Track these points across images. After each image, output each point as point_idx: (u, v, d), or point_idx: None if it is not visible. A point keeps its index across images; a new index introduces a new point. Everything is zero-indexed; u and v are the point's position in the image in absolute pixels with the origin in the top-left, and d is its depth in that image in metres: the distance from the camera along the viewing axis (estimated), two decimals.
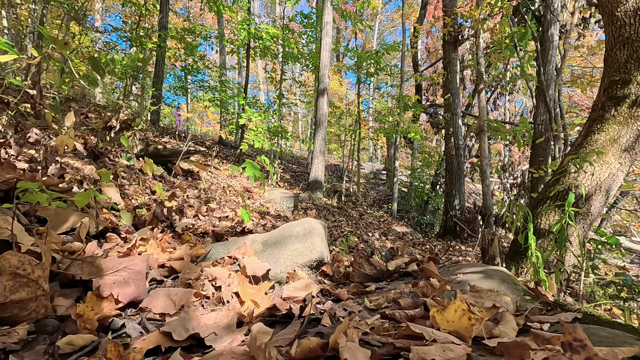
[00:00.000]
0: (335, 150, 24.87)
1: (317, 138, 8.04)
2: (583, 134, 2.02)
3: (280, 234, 1.68)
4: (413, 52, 12.20)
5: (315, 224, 1.69)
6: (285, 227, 1.72)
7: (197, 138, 14.56)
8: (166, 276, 1.31)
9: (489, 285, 1.19)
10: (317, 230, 1.64)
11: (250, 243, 1.68)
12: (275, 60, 10.96)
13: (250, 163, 2.90)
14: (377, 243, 5.27)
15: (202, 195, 3.76)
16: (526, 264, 1.91)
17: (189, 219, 2.56)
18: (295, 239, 1.62)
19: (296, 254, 1.57)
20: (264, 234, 1.77)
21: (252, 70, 30.17)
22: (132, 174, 3.84)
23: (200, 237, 2.22)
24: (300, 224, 1.70)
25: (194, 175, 6.49)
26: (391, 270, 1.51)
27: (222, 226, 2.69)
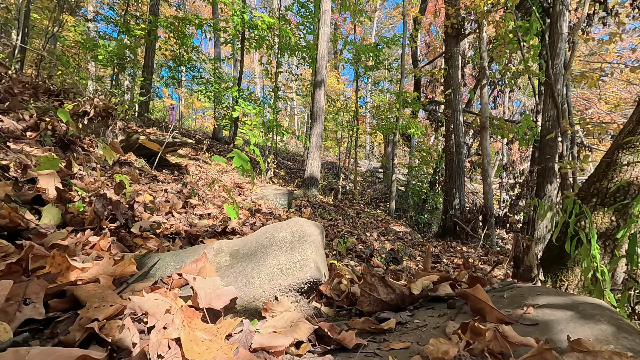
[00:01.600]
0: (331, 148, 24.54)
1: (313, 133, 7.68)
2: (636, 120, 1.69)
3: (258, 240, 1.25)
4: (413, 47, 11.86)
5: (308, 226, 1.25)
6: (265, 230, 1.28)
7: (189, 132, 14.13)
8: (64, 310, 0.84)
9: (597, 334, 0.77)
10: (310, 235, 1.20)
11: (213, 254, 1.23)
12: (271, 52, 10.56)
13: (237, 153, 2.54)
14: (376, 244, 4.93)
15: (184, 190, 3.39)
16: (568, 277, 1.58)
17: (159, 217, 2.19)
18: (279, 248, 1.17)
19: (279, 271, 1.13)
20: (234, 240, 1.32)
21: (247, 65, 29.70)
22: (105, 164, 3.46)
23: (169, 238, 1.86)
24: (286, 227, 1.24)
25: (182, 169, 6.11)
26: (416, 294, 1.11)
27: (200, 225, 2.33)
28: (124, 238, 1.43)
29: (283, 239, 1.21)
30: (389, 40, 9.98)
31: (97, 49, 5.81)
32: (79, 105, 3.81)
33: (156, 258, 1.18)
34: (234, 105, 9.60)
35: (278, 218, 4.47)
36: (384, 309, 1.02)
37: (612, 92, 17.72)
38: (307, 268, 1.11)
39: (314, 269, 1.13)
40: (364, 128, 17.27)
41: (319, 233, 1.27)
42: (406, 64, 11.16)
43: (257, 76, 24.11)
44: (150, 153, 5.11)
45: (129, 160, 4.23)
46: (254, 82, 25.69)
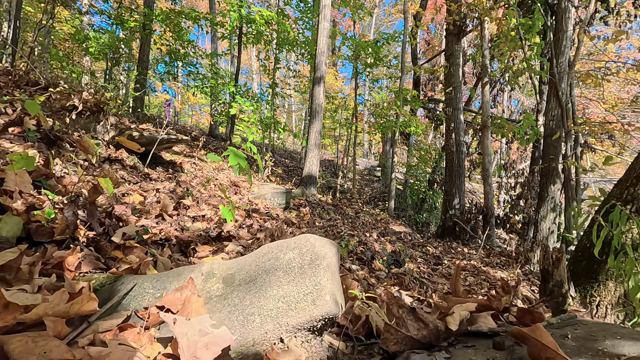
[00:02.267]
0: (329, 146, 24.38)
1: (312, 130, 7.51)
2: None
3: (258, 263, 1.03)
4: (413, 45, 11.69)
5: (321, 245, 1.04)
6: (268, 250, 1.07)
7: (185, 128, 13.92)
8: None
9: None
10: (324, 257, 0.99)
11: (202, 279, 1.01)
12: (269, 48, 10.36)
13: (233, 151, 2.37)
14: (376, 245, 4.78)
15: (178, 189, 3.22)
16: (600, 292, 1.44)
17: (148, 220, 2.03)
18: (285, 275, 0.96)
19: (285, 306, 0.91)
20: (228, 261, 1.09)
21: (245, 61, 29.42)
22: (96, 162, 3.27)
23: (158, 245, 1.69)
24: (294, 246, 1.03)
25: (177, 166, 5.92)
26: (453, 330, 0.89)
27: (193, 229, 2.17)
28: (102, 249, 1.26)
29: (290, 262, 0.99)
30: (389, 37, 9.82)
31: (88, 41, 5.60)
32: (66, 99, 3.62)
33: (131, 283, 0.96)
34: (231, 101, 9.41)
35: (276, 218, 4.32)
36: (414, 347, 0.83)
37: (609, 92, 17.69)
38: (322, 301, 0.88)
39: (330, 302, 0.90)
40: (362, 126, 17.12)
41: (334, 254, 1.06)
42: (406, 61, 11.00)
43: (254, 72, 23.87)
44: (143, 150, 4.93)
45: (120, 157, 4.05)
46: (251, 78, 25.46)
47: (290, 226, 3.97)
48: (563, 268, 1.38)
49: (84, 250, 1.14)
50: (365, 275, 3.10)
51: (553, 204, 5.90)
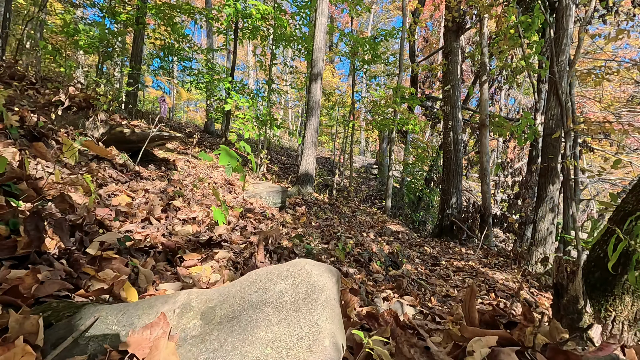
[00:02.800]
0: (326, 143, 24.25)
1: (308, 128, 7.39)
2: None
3: (244, 296, 0.87)
4: (411, 41, 11.58)
5: (319, 274, 0.89)
6: (256, 278, 0.92)
7: (180, 124, 13.73)
8: None
9: None
10: (322, 290, 0.85)
11: (177, 313, 0.85)
12: (265, 43, 10.20)
13: (225, 150, 2.25)
14: (373, 246, 4.69)
15: (169, 188, 3.10)
16: (616, 306, 1.35)
17: (133, 225, 1.91)
18: (276, 312, 0.81)
19: (276, 353, 0.75)
20: (209, 291, 0.91)
21: (241, 57, 29.14)
22: (83, 160, 3.14)
23: (142, 253, 1.58)
24: (286, 275, 0.88)
25: (169, 164, 5.79)
26: None
27: (182, 233, 2.05)
28: (76, 263, 1.14)
29: (281, 296, 0.83)
30: (387, 34, 9.69)
31: (77, 34, 5.43)
32: (54, 94, 3.47)
33: (93, 316, 0.81)
34: (226, 97, 9.26)
35: (271, 219, 4.21)
36: None
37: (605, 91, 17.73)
38: (319, 347, 0.72)
39: (329, 348, 0.75)
40: (359, 124, 17.02)
41: (334, 283, 0.90)
42: (404, 58, 10.89)
43: (251, 68, 23.64)
44: (134, 147, 4.79)
45: (110, 155, 3.91)
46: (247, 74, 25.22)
47: (285, 227, 3.87)
48: (579, 282, 1.28)
49: (53, 267, 1.02)
50: (363, 279, 3.01)
51: (552, 204, 5.84)
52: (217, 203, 3.05)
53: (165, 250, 1.68)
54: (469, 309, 0.97)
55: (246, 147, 2.60)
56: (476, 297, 0.93)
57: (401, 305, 1.67)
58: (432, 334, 1.22)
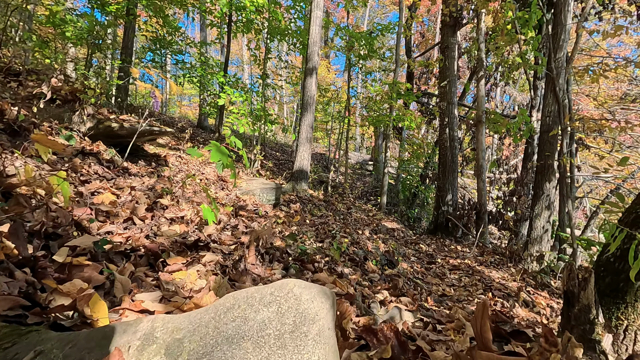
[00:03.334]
0: (321, 139, 24.14)
1: (303, 123, 7.27)
2: None
3: (218, 325, 0.74)
4: (408, 36, 11.47)
5: (309, 299, 0.76)
6: (234, 303, 0.78)
7: (173, 119, 13.51)
8: None
9: None
10: (314, 320, 0.71)
11: (138, 346, 0.71)
12: (260, 37, 10.02)
13: (216, 146, 2.15)
14: (369, 244, 4.62)
15: (158, 185, 2.98)
16: (628, 314, 1.27)
17: (114, 226, 1.80)
18: (256, 348, 0.68)
19: None
20: (178, 317, 0.77)
21: (235, 51, 28.81)
22: (67, 155, 3.00)
23: (122, 257, 1.47)
24: (270, 300, 0.74)
25: (160, 160, 5.65)
26: None
27: (168, 234, 1.94)
28: (41, 271, 1.04)
29: (264, 327, 0.69)
30: (383, 28, 9.57)
31: (64, 25, 5.24)
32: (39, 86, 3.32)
33: (33, 350, 0.66)
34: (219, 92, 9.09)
35: (264, 216, 4.10)
36: None
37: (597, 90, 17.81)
38: None
39: None
40: (355, 119, 16.91)
41: (328, 309, 0.75)
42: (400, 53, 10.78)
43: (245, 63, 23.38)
44: (124, 142, 4.65)
45: (96, 150, 3.77)
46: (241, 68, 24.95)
47: (279, 225, 3.77)
48: (591, 290, 1.20)
49: (13, 278, 0.91)
50: (358, 279, 2.93)
51: (548, 202, 5.81)
52: (208, 200, 2.94)
53: (148, 253, 1.57)
54: (481, 329, 0.88)
55: (237, 143, 2.49)
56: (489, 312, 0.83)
57: (399, 311, 1.59)
58: (434, 346, 1.14)
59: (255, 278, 1.70)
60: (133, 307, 1.05)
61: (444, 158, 8.91)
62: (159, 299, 1.17)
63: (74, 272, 1.12)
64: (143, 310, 1.05)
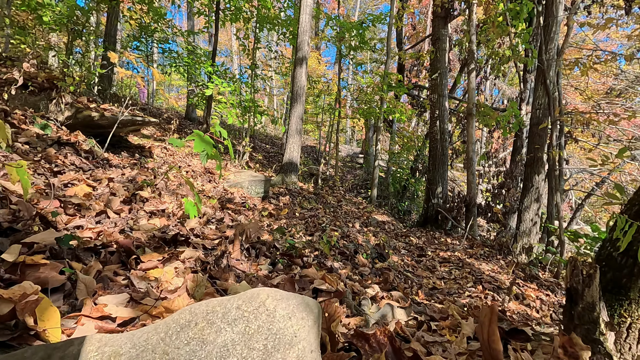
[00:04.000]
0: (311, 132, 23.97)
1: (293, 115, 7.14)
2: None
3: (167, 349, 0.59)
4: (399, 27, 11.35)
5: (288, 316, 0.61)
6: (190, 319, 0.63)
7: (160, 111, 13.19)
8: None
9: None
10: (291, 345, 0.56)
11: None
12: (248, 26, 9.78)
13: (199, 135, 2.03)
14: (359, 237, 4.55)
15: (140, 177, 2.84)
16: (632, 312, 1.21)
17: (84, 219, 1.67)
18: None
19: None
20: (118, 337, 0.63)
21: (225, 42, 28.24)
22: (41, 145, 2.83)
23: (92, 253, 1.35)
24: (236, 316, 0.59)
25: (145, 151, 5.47)
26: None
27: (146, 228, 1.82)
28: None
29: (225, 354, 0.53)
30: (374, 19, 9.42)
31: (41, 9, 4.97)
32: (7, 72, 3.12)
33: None
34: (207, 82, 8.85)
35: (252, 209, 3.99)
36: None
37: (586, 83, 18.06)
38: None
39: None
40: (346, 112, 16.79)
41: (311, 326, 0.60)
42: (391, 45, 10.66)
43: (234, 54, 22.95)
44: (105, 132, 4.46)
45: (75, 140, 3.59)
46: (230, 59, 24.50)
47: (267, 218, 3.66)
48: (596, 287, 1.13)
49: None
50: (348, 273, 2.86)
51: (537, 195, 5.83)
52: (192, 193, 2.81)
53: (120, 249, 1.45)
54: (488, 337, 0.79)
55: (222, 132, 2.37)
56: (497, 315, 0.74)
57: (391, 309, 1.51)
58: (430, 348, 1.07)
59: (240, 274, 1.61)
60: (94, 312, 0.93)
61: (435, 151, 8.89)
62: (125, 301, 1.06)
63: (28, 272, 1.00)
64: (104, 317, 0.94)
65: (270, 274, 1.84)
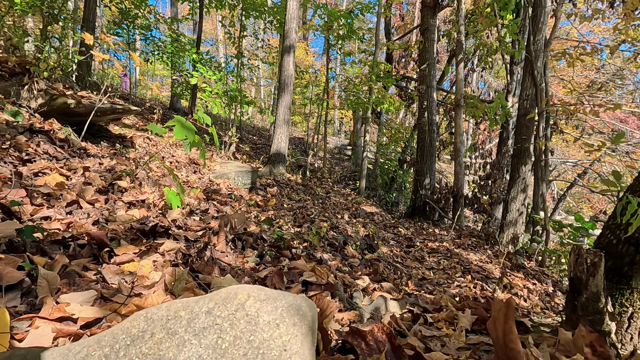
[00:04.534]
0: (299, 123, 23.75)
1: (280, 104, 6.99)
2: None
3: None
4: (388, 17, 11.24)
5: (275, 323, 0.44)
6: (144, 327, 0.46)
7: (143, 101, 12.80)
8: None
9: None
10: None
11: None
12: (234, 13, 9.51)
13: (180, 121, 1.91)
14: (348, 228, 4.50)
15: (119, 166, 2.69)
16: (634, 301, 1.18)
17: (53, 210, 1.55)
18: None
19: None
20: (50, 352, 0.46)
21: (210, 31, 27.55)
22: (10, 133, 2.66)
23: (59, 247, 1.24)
24: (203, 326, 0.41)
25: (126, 141, 5.27)
26: None
27: (123, 219, 1.71)
28: None
29: None
30: (363, 7, 9.28)
31: None
32: None
33: None
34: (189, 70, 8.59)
35: (238, 200, 3.88)
36: None
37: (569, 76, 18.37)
38: None
39: None
40: (334, 103, 16.65)
41: (305, 334, 0.45)
42: (380, 37, 10.55)
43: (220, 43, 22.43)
44: (84, 121, 4.25)
45: (49, 128, 3.40)
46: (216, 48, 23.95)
47: (254, 209, 3.56)
48: (601, 276, 1.09)
49: None
50: (338, 264, 2.80)
51: (524, 185, 5.88)
52: (173, 184, 2.69)
53: (91, 242, 1.33)
54: (504, 335, 0.70)
55: (206, 119, 2.26)
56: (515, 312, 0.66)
57: (385, 301, 1.46)
58: (428, 343, 1.01)
59: (225, 267, 1.52)
60: (55, 312, 0.83)
61: (423, 142, 8.89)
62: (93, 299, 0.96)
63: None
64: (63, 318, 0.84)
65: (258, 266, 1.76)
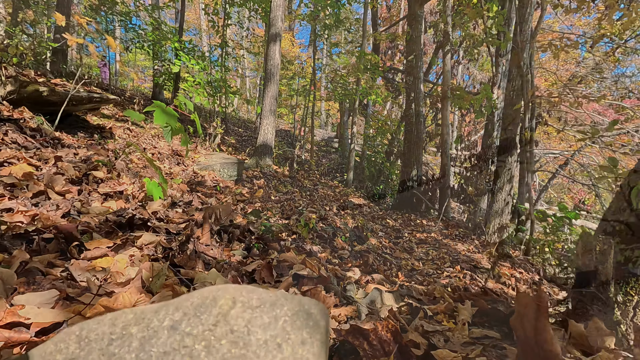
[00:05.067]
0: (286, 115, 23.49)
1: (267, 95, 6.84)
2: None
3: None
4: (374, 8, 11.12)
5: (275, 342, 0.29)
6: (77, 349, 0.30)
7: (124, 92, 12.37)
8: None
9: None
10: None
11: None
12: (218, 1, 9.22)
13: (160, 106, 1.79)
14: (337, 220, 4.44)
15: (96, 156, 2.54)
16: (639, 290, 1.15)
17: (15, 201, 1.41)
18: None
19: None
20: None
21: (193, 21, 26.79)
22: None
23: (23, 241, 1.12)
24: (170, 349, 0.26)
25: (105, 132, 5.04)
26: None
27: (97, 211, 1.59)
28: None
29: None
30: None
31: None
32: None
33: None
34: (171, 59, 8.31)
35: (223, 192, 3.76)
36: None
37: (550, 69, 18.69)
38: None
39: None
40: (320, 95, 16.49)
41: (317, 354, 0.30)
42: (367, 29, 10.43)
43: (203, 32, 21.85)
44: (56, 109, 4.03)
45: (20, 117, 3.19)
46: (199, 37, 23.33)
47: (240, 201, 3.45)
48: (610, 264, 1.05)
49: None
50: (328, 256, 2.73)
51: (510, 176, 5.94)
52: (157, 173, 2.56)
53: (59, 235, 1.21)
54: (536, 335, 0.59)
55: (188, 104, 2.13)
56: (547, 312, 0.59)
57: (380, 294, 1.40)
58: (431, 338, 0.95)
59: (210, 261, 1.42)
60: (8, 315, 0.72)
61: (410, 134, 8.88)
62: (54, 300, 0.85)
63: None
64: (15, 324, 0.73)
65: (245, 259, 1.67)
